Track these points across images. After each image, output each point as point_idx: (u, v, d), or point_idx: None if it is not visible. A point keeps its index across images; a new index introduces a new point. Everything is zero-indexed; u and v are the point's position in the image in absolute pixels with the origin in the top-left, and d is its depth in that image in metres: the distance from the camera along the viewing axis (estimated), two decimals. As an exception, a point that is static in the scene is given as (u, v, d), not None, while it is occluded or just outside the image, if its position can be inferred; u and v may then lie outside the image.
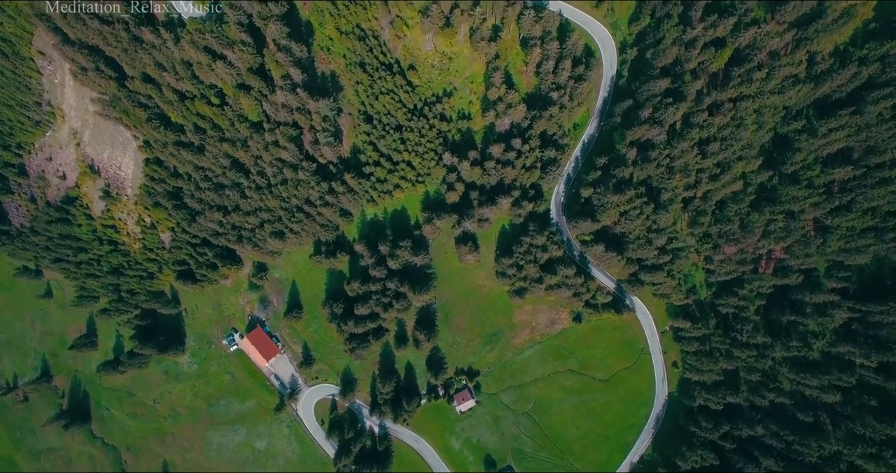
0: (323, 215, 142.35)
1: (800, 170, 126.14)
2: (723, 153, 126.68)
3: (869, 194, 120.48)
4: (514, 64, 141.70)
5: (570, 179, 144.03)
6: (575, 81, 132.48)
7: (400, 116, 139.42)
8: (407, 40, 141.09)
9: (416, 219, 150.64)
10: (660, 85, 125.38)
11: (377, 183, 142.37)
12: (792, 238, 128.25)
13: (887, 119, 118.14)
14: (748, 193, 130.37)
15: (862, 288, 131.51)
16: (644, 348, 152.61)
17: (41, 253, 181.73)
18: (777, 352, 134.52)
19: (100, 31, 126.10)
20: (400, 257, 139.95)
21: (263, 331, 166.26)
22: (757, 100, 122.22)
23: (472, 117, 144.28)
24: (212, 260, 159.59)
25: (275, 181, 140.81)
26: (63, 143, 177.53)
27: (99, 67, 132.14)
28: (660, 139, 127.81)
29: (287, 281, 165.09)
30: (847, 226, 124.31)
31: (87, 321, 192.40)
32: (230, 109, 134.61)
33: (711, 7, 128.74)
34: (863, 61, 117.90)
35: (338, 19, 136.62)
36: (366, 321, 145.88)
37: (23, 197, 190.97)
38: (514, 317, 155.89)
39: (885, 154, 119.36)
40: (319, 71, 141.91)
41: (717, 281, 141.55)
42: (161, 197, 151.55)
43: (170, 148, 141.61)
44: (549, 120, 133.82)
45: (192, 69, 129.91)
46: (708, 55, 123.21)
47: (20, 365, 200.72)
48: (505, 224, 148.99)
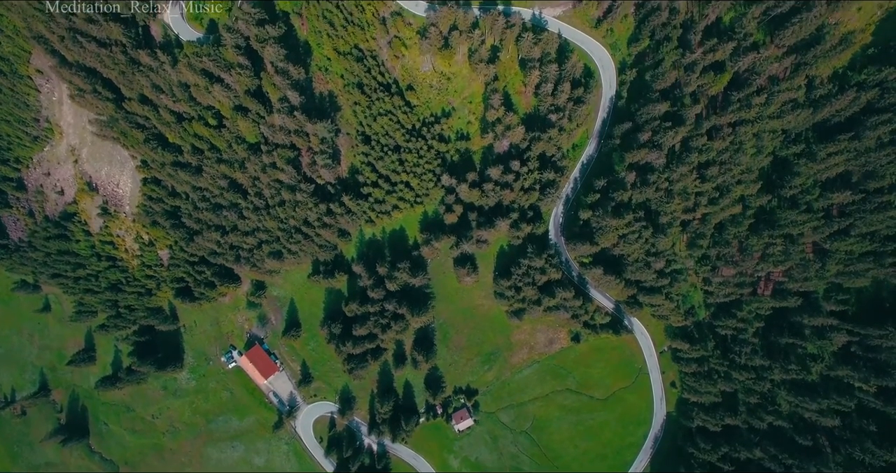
0: (321, 236, 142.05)
1: (799, 193, 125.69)
2: (722, 177, 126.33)
3: (868, 219, 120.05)
4: (513, 84, 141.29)
5: (569, 200, 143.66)
6: (574, 104, 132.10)
7: (398, 137, 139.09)
8: (405, 60, 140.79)
9: (414, 239, 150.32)
10: (659, 108, 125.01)
11: (375, 203, 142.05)
12: (791, 262, 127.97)
13: (886, 144, 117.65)
14: (747, 216, 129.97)
15: (861, 310, 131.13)
16: (642, 368, 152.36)
17: (39, 268, 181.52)
18: (776, 375, 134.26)
19: (97, 54, 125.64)
20: (398, 279, 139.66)
21: (262, 349, 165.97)
22: (756, 124, 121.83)
23: (471, 137, 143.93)
24: (210, 279, 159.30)
25: (273, 202, 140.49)
26: (61, 159, 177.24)
27: (96, 89, 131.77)
28: (659, 163, 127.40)
29: (285, 300, 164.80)
30: (846, 250, 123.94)
31: (85, 335, 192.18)
32: (227, 131, 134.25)
33: (711, 30, 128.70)
34: (861, 86, 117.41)
35: (335, 40, 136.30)
36: (364, 341, 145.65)
37: (21, 211, 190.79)
38: (512, 337, 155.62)
39: (883, 179, 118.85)
40: (317, 91, 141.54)
41: (715, 302, 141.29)
42: (159, 216, 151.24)
43: (167, 168, 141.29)
44: (547, 142, 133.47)
45: (190, 91, 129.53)
46: (707, 79, 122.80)
47: (18, 380, 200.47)
48: (503, 244, 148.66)
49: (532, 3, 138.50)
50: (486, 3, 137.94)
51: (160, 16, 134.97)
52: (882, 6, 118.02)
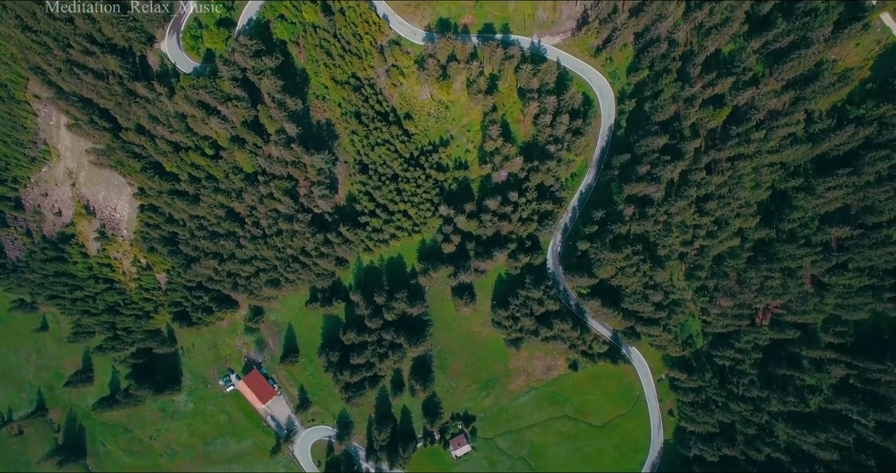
0: (318, 265, 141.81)
1: (797, 227, 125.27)
2: (720, 210, 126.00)
3: (866, 254, 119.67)
4: (512, 112, 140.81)
5: (568, 229, 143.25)
6: (573, 135, 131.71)
7: (396, 166, 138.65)
8: (403, 89, 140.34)
9: (412, 266, 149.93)
10: (658, 141, 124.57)
11: (373, 232, 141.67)
12: (789, 295, 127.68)
13: (885, 179, 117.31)
14: (745, 249, 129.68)
15: (859, 341, 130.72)
16: (640, 395, 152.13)
17: (36, 289, 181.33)
18: (773, 406, 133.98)
19: (93, 86, 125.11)
20: (395, 309, 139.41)
21: (260, 374, 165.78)
22: (755, 159, 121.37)
23: (469, 166, 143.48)
24: (207, 304, 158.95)
25: (270, 231, 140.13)
26: (58, 181, 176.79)
27: (93, 120, 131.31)
28: (657, 196, 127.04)
29: (283, 324, 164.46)
30: (844, 284, 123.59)
31: (83, 355, 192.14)
32: (224, 162, 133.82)
33: (710, 61, 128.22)
34: (860, 121, 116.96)
35: (333, 69, 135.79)
36: (361, 370, 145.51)
37: (19, 230, 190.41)
38: (510, 363, 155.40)
39: (882, 214, 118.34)
40: (314, 119, 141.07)
41: (713, 331, 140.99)
42: (156, 242, 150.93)
43: (164, 197, 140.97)
44: (546, 173, 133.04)
45: (186, 122, 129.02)
46: (706, 113, 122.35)
47: (15, 399, 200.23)
48: (502, 272, 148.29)
49: (531, 32, 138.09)
50: (485, 32, 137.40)
51: (157, 45, 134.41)
52: (880, 42, 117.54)
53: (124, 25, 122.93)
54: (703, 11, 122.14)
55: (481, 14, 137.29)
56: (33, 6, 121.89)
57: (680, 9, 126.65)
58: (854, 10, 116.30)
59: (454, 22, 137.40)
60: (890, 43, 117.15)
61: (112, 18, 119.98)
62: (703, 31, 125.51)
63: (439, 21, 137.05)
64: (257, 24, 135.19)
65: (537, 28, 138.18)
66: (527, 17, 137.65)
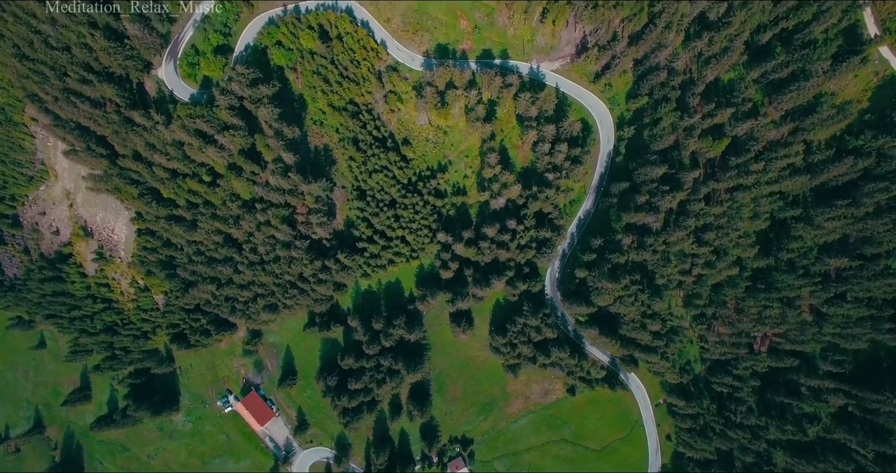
0: (317, 291, 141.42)
1: (796, 257, 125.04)
2: (719, 240, 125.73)
3: (865, 285, 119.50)
4: (510, 138, 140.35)
5: (566, 255, 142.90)
6: (571, 163, 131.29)
7: (394, 192, 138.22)
8: (401, 114, 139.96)
9: (410, 291, 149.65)
10: (657, 171, 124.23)
11: (371, 258, 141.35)
12: (787, 325, 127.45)
13: (884, 210, 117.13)
14: (744, 278, 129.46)
15: (858, 369, 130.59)
16: (638, 420, 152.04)
17: (34, 308, 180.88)
18: (772, 434, 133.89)
19: (90, 114, 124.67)
20: (393, 335, 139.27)
21: (258, 396, 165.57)
22: (754, 190, 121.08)
23: (468, 191, 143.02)
24: (205, 327, 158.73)
25: (268, 258, 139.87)
26: (56, 200, 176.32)
27: (90, 147, 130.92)
28: (656, 225, 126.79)
29: (282, 346, 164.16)
30: (842, 314, 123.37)
31: (81, 372, 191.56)
32: (221, 189, 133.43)
33: (710, 88, 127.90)
34: (859, 153, 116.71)
35: (330, 96, 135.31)
36: (359, 395, 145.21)
37: (16, 248, 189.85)
38: (508, 387, 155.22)
39: (881, 245, 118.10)
40: (312, 145, 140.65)
41: (711, 357, 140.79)
42: (153, 266, 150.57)
43: (162, 222, 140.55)
44: (544, 201, 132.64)
45: (183, 149, 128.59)
46: (705, 144, 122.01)
47: (12, 416, 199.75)
48: (500, 297, 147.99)
49: (530, 57, 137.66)
50: (483, 57, 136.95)
51: (154, 71, 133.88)
52: (878, 73, 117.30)
53: (121, 54, 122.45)
54: (702, 41, 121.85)
55: (480, 40, 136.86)
56: (31, 36, 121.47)
57: (679, 37, 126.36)
58: (852, 42, 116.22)
59: (452, 47, 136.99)
60: (888, 75, 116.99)
61: (109, 48, 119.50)
62: (703, 60, 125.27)
63: (437, 46, 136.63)
64: (254, 50, 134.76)
65: (536, 53, 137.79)
66: (526, 43, 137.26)
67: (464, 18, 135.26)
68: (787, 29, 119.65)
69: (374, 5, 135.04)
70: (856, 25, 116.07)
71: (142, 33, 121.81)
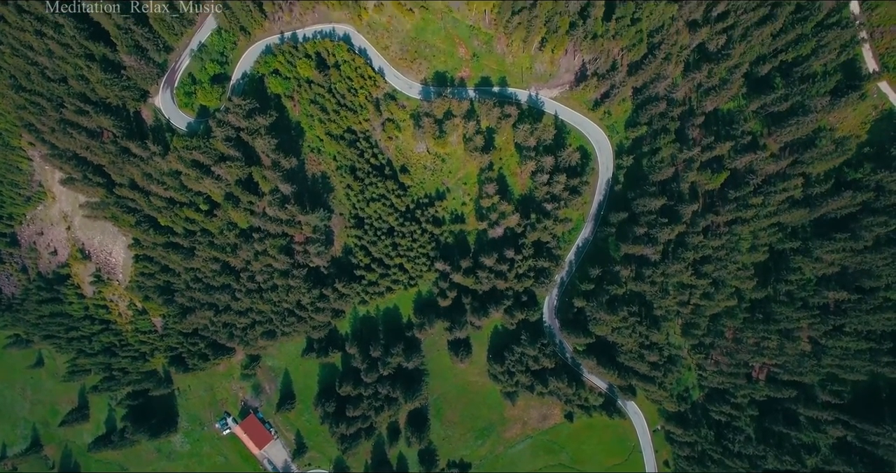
0: (315, 319, 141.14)
1: (795, 289, 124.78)
2: (717, 272, 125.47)
3: (864, 318, 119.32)
4: (509, 165, 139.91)
5: (564, 283, 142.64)
6: (570, 193, 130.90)
7: (391, 221, 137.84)
8: (399, 142, 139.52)
9: (408, 317, 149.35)
10: (655, 203, 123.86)
11: (368, 285, 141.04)
12: (785, 357, 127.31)
13: (883, 244, 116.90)
14: (742, 309, 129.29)
15: (857, 398, 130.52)
16: (635, 446, 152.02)
17: (31, 329, 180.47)
18: (770, 464, 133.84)
19: (87, 144, 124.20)
20: (391, 363, 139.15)
21: (256, 418, 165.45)
22: (753, 223, 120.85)
23: (466, 219, 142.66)
24: (203, 351, 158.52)
25: (265, 286, 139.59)
26: (54, 221, 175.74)
27: (87, 176, 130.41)
28: (654, 257, 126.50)
29: (280, 370, 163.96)
30: (841, 346, 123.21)
31: (79, 391, 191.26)
32: (218, 219, 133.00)
33: (710, 118, 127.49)
34: (857, 186, 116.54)
35: (328, 124, 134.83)
36: (357, 422, 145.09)
37: (14, 267, 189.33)
38: (505, 412, 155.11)
39: (880, 279, 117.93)
40: (310, 172, 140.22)
41: (709, 385, 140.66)
42: (151, 291, 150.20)
43: (159, 249, 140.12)
44: (543, 230, 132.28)
45: (180, 179, 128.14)
46: (704, 177, 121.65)
47: (9, 435, 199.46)
48: (498, 324, 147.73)
49: (528, 85, 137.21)
50: (482, 85, 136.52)
51: (151, 100, 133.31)
52: (877, 107, 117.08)
53: (118, 85, 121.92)
54: (701, 72, 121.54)
55: (478, 67, 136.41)
56: (28, 67, 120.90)
57: (678, 68, 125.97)
58: (851, 76, 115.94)
59: (451, 75, 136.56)
60: (887, 109, 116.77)
61: (105, 80, 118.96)
62: (702, 91, 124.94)
63: (435, 74, 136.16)
64: (251, 78, 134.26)
65: (535, 81, 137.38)
66: (524, 70, 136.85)
67: (462, 46, 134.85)
68: (787, 61, 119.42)
69: (371, 33, 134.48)
70: (855, 59, 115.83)
71: (138, 64, 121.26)
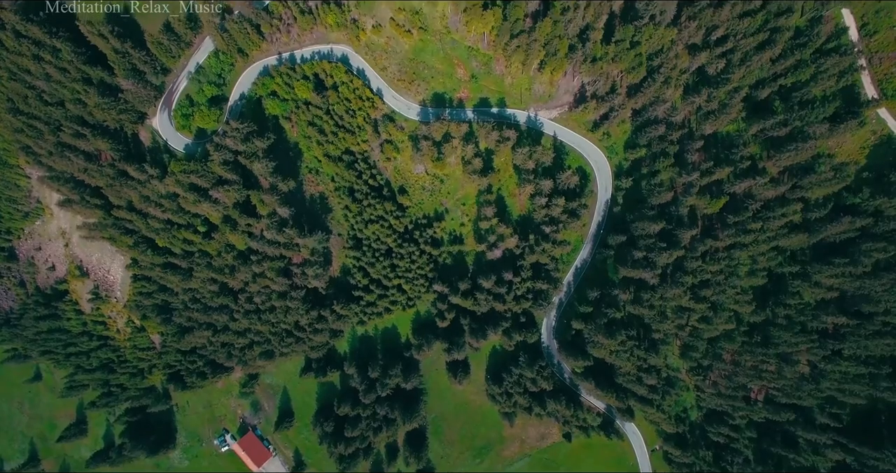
0: (313, 339, 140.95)
1: (794, 313, 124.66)
2: (716, 296, 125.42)
3: (862, 343, 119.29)
4: (507, 186, 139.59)
5: (563, 304, 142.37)
6: (569, 216, 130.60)
7: (390, 242, 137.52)
8: (397, 163, 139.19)
9: (406, 337, 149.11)
10: (654, 227, 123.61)
11: (367, 306, 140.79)
12: (783, 380, 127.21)
13: (882, 269, 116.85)
14: (740, 332, 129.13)
15: (856, 422, 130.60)
16: (634, 464, 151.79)
17: (29, 345, 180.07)
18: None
19: (84, 167, 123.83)
20: (389, 384, 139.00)
21: (255, 436, 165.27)
22: (752, 248, 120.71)
23: (464, 239, 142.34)
24: (202, 369, 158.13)
25: (263, 307, 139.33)
26: (52, 236, 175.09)
27: (84, 198, 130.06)
28: (653, 281, 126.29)
29: (278, 387, 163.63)
30: (840, 371, 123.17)
31: (77, 406, 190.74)
32: (217, 241, 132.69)
33: (709, 140, 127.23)
34: (856, 211, 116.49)
35: (326, 146, 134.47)
36: (355, 442, 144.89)
37: (12, 281, 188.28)
38: (504, 431, 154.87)
39: (879, 304, 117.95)
40: (308, 193, 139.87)
41: (707, 406, 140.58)
42: (149, 310, 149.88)
43: (157, 269, 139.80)
44: (541, 253, 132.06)
45: (178, 201, 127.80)
46: (703, 201, 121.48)
47: (7, 449, 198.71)
48: (496, 344, 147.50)
49: (527, 106, 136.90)
50: (481, 106, 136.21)
51: (149, 121, 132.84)
52: (875, 132, 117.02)
53: (115, 109, 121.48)
54: (700, 97, 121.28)
55: (477, 88, 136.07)
56: (25, 91, 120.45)
57: (678, 91, 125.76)
58: (850, 102, 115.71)
59: (449, 96, 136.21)
60: (885, 134, 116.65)
61: (103, 104, 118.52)
62: (701, 115, 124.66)
63: (434, 95, 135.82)
64: (249, 100, 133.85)
65: (534, 102, 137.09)
66: (523, 91, 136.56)
67: (461, 67, 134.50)
68: (786, 86, 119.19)
69: (370, 53, 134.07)
70: (854, 85, 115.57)
71: (136, 87, 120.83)
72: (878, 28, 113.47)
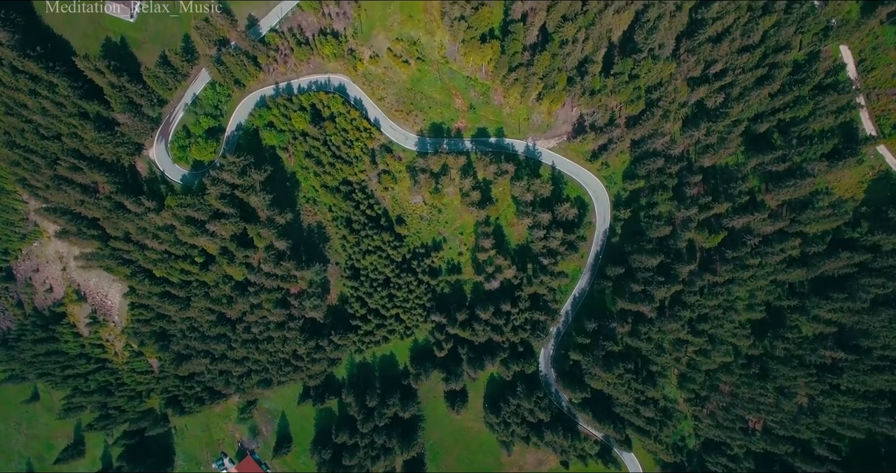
0: (310, 368, 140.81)
1: (792, 346, 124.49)
2: (714, 330, 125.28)
3: (861, 378, 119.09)
4: (506, 216, 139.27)
5: (561, 333, 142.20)
6: (567, 248, 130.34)
7: (388, 272, 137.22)
8: (395, 192, 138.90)
9: (404, 364, 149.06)
10: (652, 261, 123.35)
11: (364, 335, 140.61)
12: (781, 413, 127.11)
13: (880, 305, 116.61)
14: (738, 364, 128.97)
15: (854, 454, 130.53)
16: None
17: (26, 368, 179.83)
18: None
19: (81, 200, 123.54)
20: (387, 413, 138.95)
21: (253, 460, 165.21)
22: (750, 283, 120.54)
23: (462, 269, 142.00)
24: (200, 394, 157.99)
25: (261, 337, 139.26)
26: (49, 259, 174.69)
27: (81, 230, 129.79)
28: (651, 315, 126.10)
29: (277, 412, 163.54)
30: (839, 405, 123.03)
31: (74, 426, 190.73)
32: (214, 272, 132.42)
33: (708, 172, 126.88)
34: (854, 245, 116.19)
35: (323, 177, 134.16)
36: (353, 470, 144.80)
37: (10, 301, 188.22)
38: (502, 457, 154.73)
39: (877, 340, 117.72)
40: (306, 223, 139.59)
41: (705, 436, 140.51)
42: (147, 337, 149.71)
43: (155, 299, 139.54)
44: (539, 285, 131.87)
45: (175, 233, 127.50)
46: (702, 236, 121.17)
47: (4, 469, 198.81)
48: (494, 373, 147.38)
49: (526, 135, 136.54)
50: (479, 136, 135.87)
51: (146, 152, 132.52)
52: (874, 167, 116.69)
53: (111, 143, 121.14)
54: (700, 130, 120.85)
55: (475, 118, 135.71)
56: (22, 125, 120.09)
57: (677, 124, 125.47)
58: (849, 138, 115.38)
59: (447, 126, 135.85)
60: (883, 170, 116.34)
61: (99, 138, 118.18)
62: (700, 147, 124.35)
63: (432, 125, 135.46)
64: (246, 130, 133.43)
65: (532, 131, 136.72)
66: (522, 121, 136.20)
67: (459, 97, 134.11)
68: (785, 120, 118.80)
69: (367, 83, 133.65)
70: (852, 121, 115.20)
71: (132, 121, 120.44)
72: (875, 64, 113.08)
